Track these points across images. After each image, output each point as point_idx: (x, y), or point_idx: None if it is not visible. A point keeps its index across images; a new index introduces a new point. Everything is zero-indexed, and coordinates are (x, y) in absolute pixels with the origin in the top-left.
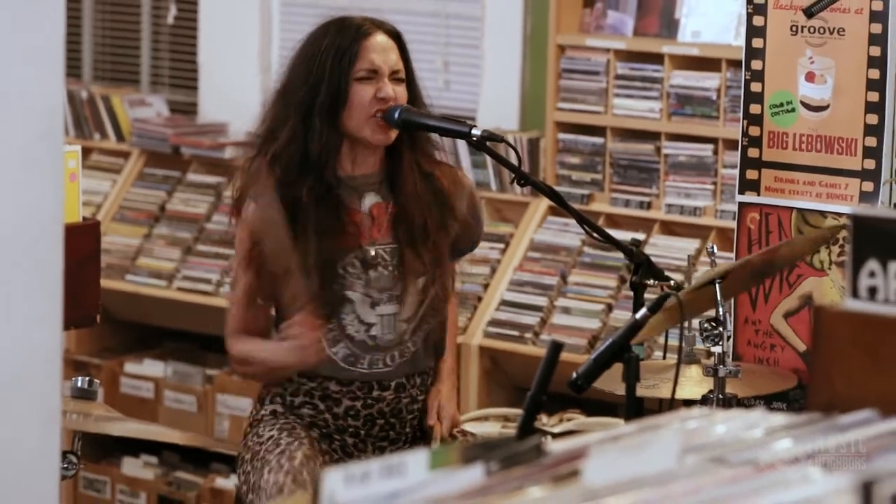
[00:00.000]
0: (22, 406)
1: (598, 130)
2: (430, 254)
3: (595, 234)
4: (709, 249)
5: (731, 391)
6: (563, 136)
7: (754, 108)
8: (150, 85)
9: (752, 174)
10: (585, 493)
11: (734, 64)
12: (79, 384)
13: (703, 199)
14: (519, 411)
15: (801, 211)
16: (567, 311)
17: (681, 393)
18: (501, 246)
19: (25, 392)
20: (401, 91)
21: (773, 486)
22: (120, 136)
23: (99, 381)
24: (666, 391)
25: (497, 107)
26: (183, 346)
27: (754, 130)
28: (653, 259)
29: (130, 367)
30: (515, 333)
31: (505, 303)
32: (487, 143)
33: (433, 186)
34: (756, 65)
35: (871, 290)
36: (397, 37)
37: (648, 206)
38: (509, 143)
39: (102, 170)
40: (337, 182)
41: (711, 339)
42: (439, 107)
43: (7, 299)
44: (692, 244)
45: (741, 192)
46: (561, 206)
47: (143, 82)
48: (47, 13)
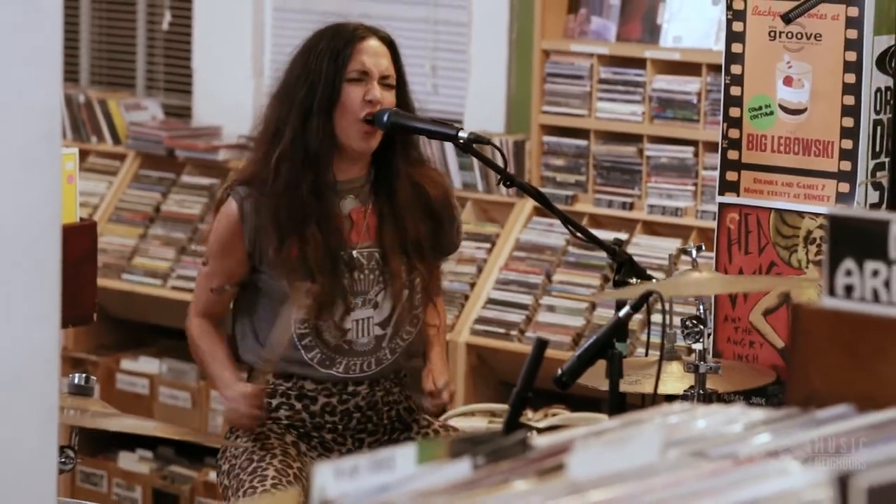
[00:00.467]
0: (21, 405)
1: (581, 133)
2: (411, 260)
3: (579, 234)
4: (689, 249)
5: (712, 387)
6: (547, 138)
7: (734, 112)
8: (146, 89)
9: (731, 176)
10: (570, 487)
11: (714, 68)
12: (76, 381)
13: (685, 200)
14: (505, 407)
15: (780, 211)
16: (552, 309)
17: (663, 389)
18: (488, 246)
19: (25, 391)
20: (388, 96)
21: (752, 479)
22: (116, 139)
23: (95, 378)
24: (648, 387)
25: (483, 110)
26: (177, 343)
27: (734, 133)
28: (635, 258)
29: (126, 363)
30: (501, 331)
31: (491, 301)
32: (474, 145)
33: (419, 193)
34: (735, 69)
35: (848, 289)
36: (390, 43)
37: (631, 206)
38: (495, 146)
39: (99, 172)
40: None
41: (692, 337)
42: (427, 110)
43: (7, 299)
44: (673, 244)
45: (721, 193)
46: (546, 206)
47: (138, 86)
48: (46, 14)
